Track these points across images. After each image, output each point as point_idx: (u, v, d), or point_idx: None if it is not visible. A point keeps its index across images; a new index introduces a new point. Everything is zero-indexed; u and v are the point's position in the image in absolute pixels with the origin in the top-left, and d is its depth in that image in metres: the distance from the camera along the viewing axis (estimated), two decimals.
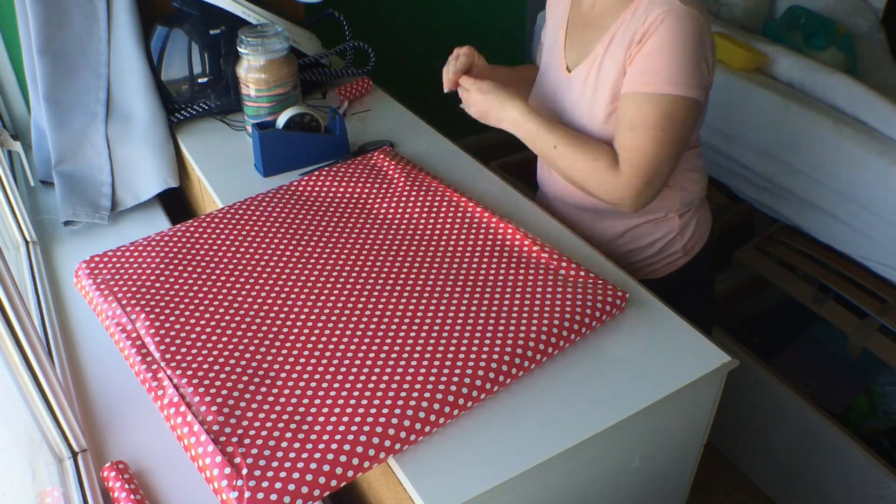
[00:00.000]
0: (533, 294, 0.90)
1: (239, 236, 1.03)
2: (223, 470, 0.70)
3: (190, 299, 0.93)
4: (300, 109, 1.22)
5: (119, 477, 0.81)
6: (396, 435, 0.73)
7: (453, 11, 2.39)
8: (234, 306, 0.91)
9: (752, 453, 1.68)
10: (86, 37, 1.32)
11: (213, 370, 0.82)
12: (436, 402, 0.75)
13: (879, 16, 2.11)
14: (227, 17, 1.33)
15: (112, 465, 0.83)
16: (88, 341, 1.05)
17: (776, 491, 1.64)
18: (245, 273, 0.97)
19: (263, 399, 0.78)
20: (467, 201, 1.08)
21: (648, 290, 0.96)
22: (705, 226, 1.20)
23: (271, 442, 0.73)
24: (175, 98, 1.38)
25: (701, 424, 0.92)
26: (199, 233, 1.05)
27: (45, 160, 1.38)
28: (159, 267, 0.98)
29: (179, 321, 0.89)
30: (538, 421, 0.77)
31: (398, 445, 0.73)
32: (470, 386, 0.77)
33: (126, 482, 0.80)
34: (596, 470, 0.83)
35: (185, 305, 0.92)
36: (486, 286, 0.92)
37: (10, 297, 0.72)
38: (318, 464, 0.70)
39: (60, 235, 1.28)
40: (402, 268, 0.96)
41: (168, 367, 0.83)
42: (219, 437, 0.73)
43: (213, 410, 0.76)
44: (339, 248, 1.00)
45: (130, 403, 0.94)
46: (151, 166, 1.32)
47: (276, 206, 1.09)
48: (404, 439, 0.73)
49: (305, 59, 1.45)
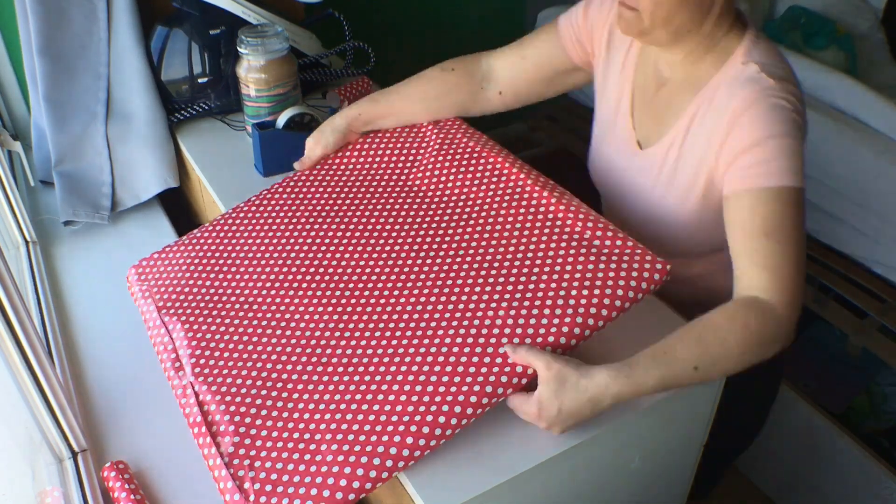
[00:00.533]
0: (570, 281, 0.83)
1: (276, 227, 1.01)
2: (233, 496, 0.72)
3: (224, 304, 0.92)
4: (300, 109, 1.22)
5: (119, 477, 0.81)
6: (409, 452, 0.72)
7: (453, 11, 2.39)
8: (263, 309, 0.90)
9: (752, 453, 1.68)
10: (86, 37, 1.32)
11: (237, 384, 0.82)
12: (457, 404, 0.74)
13: (879, 16, 2.11)
14: (227, 17, 1.33)
15: (112, 465, 0.83)
16: (88, 341, 1.05)
17: (776, 491, 1.64)
18: (277, 270, 0.95)
19: (279, 415, 0.78)
20: (510, 168, 0.99)
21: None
22: None
23: (279, 465, 0.74)
24: (175, 98, 1.38)
25: (701, 424, 0.92)
26: (238, 227, 1.03)
27: (45, 160, 1.38)
28: (199, 268, 0.98)
29: (211, 329, 0.89)
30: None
31: (411, 462, 0.72)
32: (495, 385, 0.76)
33: (126, 482, 0.80)
34: (596, 470, 0.83)
35: (220, 311, 0.91)
36: (521, 269, 0.86)
37: (10, 297, 0.72)
38: (327, 486, 0.71)
39: (60, 235, 1.28)
40: (440, 260, 0.91)
41: (197, 381, 0.84)
42: (233, 459, 0.75)
43: (230, 431, 0.77)
44: (375, 233, 0.96)
45: (130, 403, 0.95)
46: (151, 166, 1.32)
47: (309, 189, 1.07)
48: (420, 447, 0.73)
49: (305, 59, 1.45)
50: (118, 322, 1.09)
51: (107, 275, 1.19)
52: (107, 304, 1.13)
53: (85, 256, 1.24)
